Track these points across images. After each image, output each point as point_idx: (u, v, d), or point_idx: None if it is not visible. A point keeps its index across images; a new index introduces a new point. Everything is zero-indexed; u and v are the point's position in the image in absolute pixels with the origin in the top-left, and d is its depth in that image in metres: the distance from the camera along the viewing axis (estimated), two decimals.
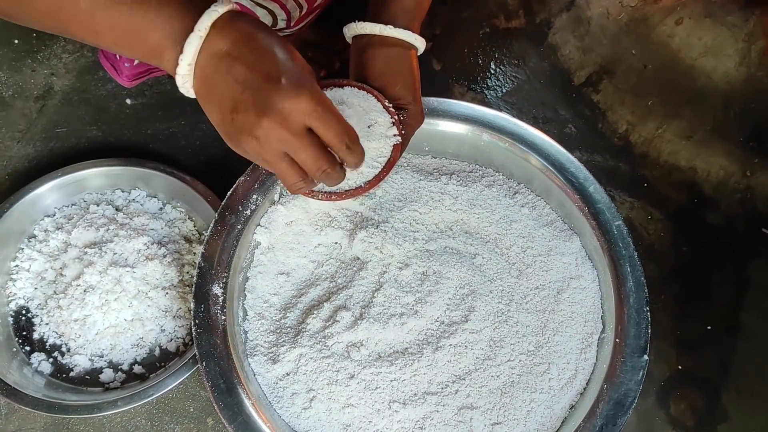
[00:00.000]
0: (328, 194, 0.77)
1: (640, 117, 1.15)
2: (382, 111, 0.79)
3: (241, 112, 0.62)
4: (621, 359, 0.81)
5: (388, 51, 0.81)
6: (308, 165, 0.66)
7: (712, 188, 1.10)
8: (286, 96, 0.61)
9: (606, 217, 0.89)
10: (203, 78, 0.64)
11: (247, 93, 0.62)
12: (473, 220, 0.92)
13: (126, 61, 1.04)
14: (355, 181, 0.77)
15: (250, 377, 0.82)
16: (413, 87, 0.81)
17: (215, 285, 0.83)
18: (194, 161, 1.08)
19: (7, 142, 1.09)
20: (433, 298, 0.86)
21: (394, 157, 0.78)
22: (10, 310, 0.95)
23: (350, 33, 0.83)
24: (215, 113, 0.65)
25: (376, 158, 0.78)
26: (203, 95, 0.65)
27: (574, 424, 0.80)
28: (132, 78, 1.07)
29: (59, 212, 1.00)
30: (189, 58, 0.63)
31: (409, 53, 0.81)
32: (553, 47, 1.20)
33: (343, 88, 0.79)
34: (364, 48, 0.81)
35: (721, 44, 1.20)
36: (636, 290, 0.85)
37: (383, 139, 0.78)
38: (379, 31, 0.80)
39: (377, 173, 0.77)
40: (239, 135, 0.63)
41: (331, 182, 0.70)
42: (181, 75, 0.64)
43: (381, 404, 0.81)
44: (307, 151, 0.64)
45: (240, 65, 0.62)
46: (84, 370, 0.92)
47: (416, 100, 0.81)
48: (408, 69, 0.81)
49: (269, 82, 0.61)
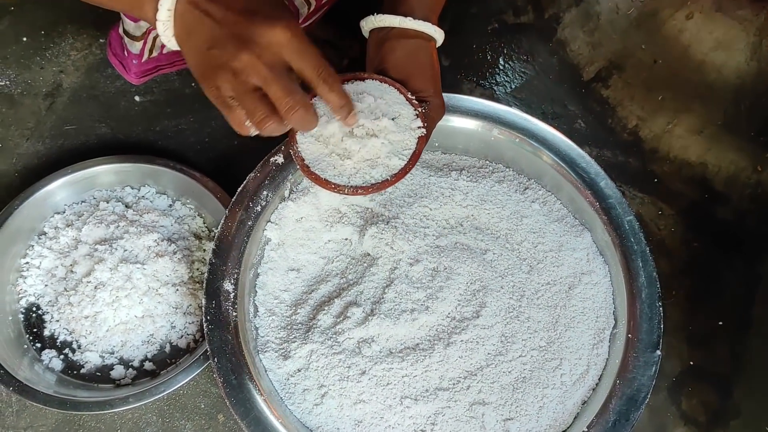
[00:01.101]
0: (354, 188, 0.76)
1: (650, 112, 1.14)
2: (405, 103, 0.78)
3: (218, 47, 0.63)
4: (633, 355, 0.81)
5: (408, 43, 0.80)
6: (278, 99, 0.65)
7: (722, 183, 1.10)
8: (262, 28, 0.63)
9: (617, 212, 0.88)
10: (182, 22, 0.65)
11: (224, 29, 0.63)
12: (484, 216, 0.91)
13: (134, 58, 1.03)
14: (381, 174, 0.77)
15: (262, 373, 0.82)
16: (434, 79, 0.81)
17: (226, 281, 0.83)
18: (203, 158, 1.08)
19: (16, 140, 1.09)
20: (444, 293, 0.85)
21: (419, 149, 0.77)
22: (20, 307, 0.95)
23: (368, 26, 0.82)
24: (192, 54, 0.66)
25: (401, 151, 0.77)
26: (182, 38, 0.66)
27: (586, 419, 0.80)
28: (140, 75, 1.07)
29: (69, 209, 1.01)
30: (168, 4, 0.64)
31: (429, 45, 0.81)
32: (562, 42, 1.20)
33: (365, 81, 0.78)
34: (383, 41, 0.81)
35: (731, 38, 1.19)
36: (648, 285, 0.84)
37: (408, 131, 0.77)
38: (399, 23, 0.79)
39: (403, 165, 0.77)
40: (215, 70, 0.64)
41: (301, 124, 0.69)
42: (161, 21, 0.65)
43: (392, 400, 0.80)
44: (278, 84, 0.64)
45: (216, 4, 0.63)
46: (95, 367, 0.92)
47: (437, 93, 0.81)
48: (428, 61, 0.81)
49: (246, 15, 0.63)
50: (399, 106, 0.78)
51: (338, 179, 0.76)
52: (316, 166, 0.76)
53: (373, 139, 0.76)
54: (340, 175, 0.76)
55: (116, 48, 1.08)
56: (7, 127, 1.10)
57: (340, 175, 0.76)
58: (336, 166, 0.76)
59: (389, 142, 0.76)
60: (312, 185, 0.91)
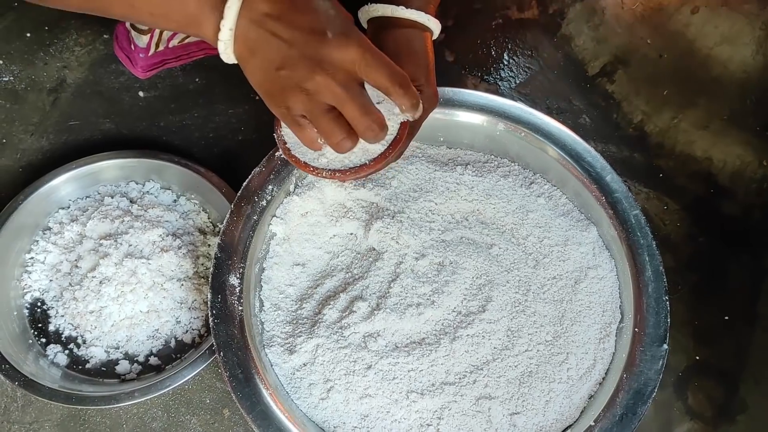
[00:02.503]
0: (332, 172, 0.75)
1: (656, 107, 1.14)
2: None
3: (287, 67, 0.62)
4: (640, 349, 0.81)
5: (402, 32, 0.80)
6: (356, 119, 0.65)
7: (728, 178, 1.10)
8: (335, 47, 0.62)
9: (624, 206, 0.88)
10: (245, 41, 0.64)
11: (293, 49, 0.62)
12: (489, 211, 0.91)
13: (141, 52, 1.03)
14: (360, 158, 0.76)
15: (268, 368, 0.81)
16: (427, 68, 0.80)
17: (232, 275, 0.83)
18: (208, 153, 1.08)
19: (20, 135, 1.09)
20: (449, 288, 0.85)
21: (401, 134, 0.76)
22: (25, 302, 0.95)
23: (364, 16, 0.82)
24: (258, 73, 0.65)
25: None
26: (245, 58, 0.65)
27: (593, 413, 0.79)
28: (147, 69, 1.07)
29: (74, 204, 1.00)
30: (230, 23, 0.63)
31: (423, 35, 0.81)
32: (567, 37, 1.20)
33: None
34: (379, 30, 0.81)
35: (737, 33, 1.19)
36: (655, 279, 0.84)
37: (390, 116, 0.76)
38: (391, 12, 0.80)
39: (383, 151, 0.76)
40: (285, 91, 0.63)
41: (377, 139, 0.69)
42: (223, 41, 0.64)
43: (399, 394, 0.80)
44: (356, 104, 0.64)
45: (282, 24, 0.62)
46: (100, 362, 0.92)
47: (430, 82, 0.80)
48: (422, 50, 0.80)
49: (314, 35, 0.62)
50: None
51: (317, 163, 0.76)
52: (297, 149, 0.77)
53: None
54: (319, 158, 0.76)
55: (123, 42, 1.08)
56: (11, 122, 1.10)
57: (319, 158, 0.76)
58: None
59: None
60: (317, 180, 0.91)
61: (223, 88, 1.12)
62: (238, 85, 1.11)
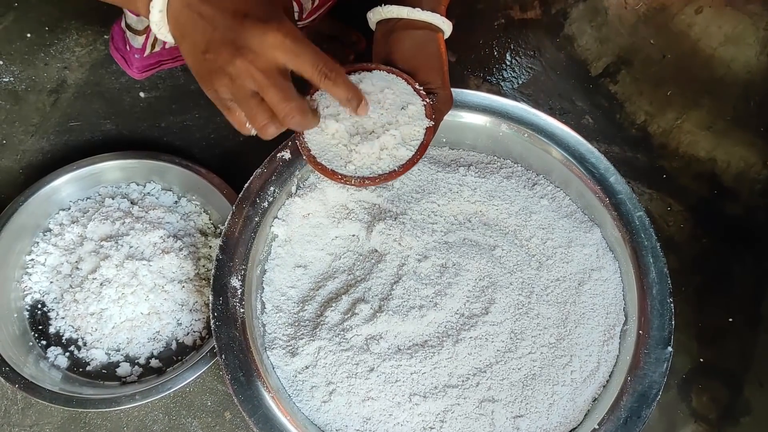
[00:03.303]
0: (362, 179, 0.75)
1: (659, 107, 1.14)
2: (413, 94, 0.77)
3: (212, 51, 0.62)
4: (644, 351, 0.80)
5: (416, 34, 0.79)
6: (275, 105, 0.65)
7: (732, 179, 1.09)
8: (254, 31, 0.61)
9: (627, 207, 0.88)
10: (176, 23, 0.64)
11: (216, 32, 0.62)
12: (492, 212, 0.91)
13: (136, 53, 1.03)
14: (389, 164, 0.76)
15: (269, 370, 0.81)
16: (441, 71, 0.80)
17: (233, 277, 0.83)
18: (209, 154, 1.07)
19: (21, 136, 1.08)
20: (452, 290, 0.85)
21: (427, 139, 0.77)
22: (25, 304, 0.94)
23: (375, 17, 0.81)
24: (189, 56, 0.65)
25: (409, 141, 0.76)
26: (178, 39, 0.65)
27: (597, 416, 0.79)
28: (142, 70, 1.07)
29: (74, 206, 1.00)
30: (159, 5, 0.63)
31: (437, 36, 0.80)
32: (570, 38, 1.19)
33: (372, 72, 0.78)
34: (390, 32, 0.80)
35: (741, 33, 1.18)
36: (659, 281, 0.84)
37: (416, 121, 0.77)
38: (407, 14, 0.79)
39: (411, 156, 0.76)
40: (211, 74, 0.63)
41: (300, 127, 0.69)
42: (154, 23, 0.65)
43: (401, 397, 0.80)
44: (277, 90, 0.63)
45: (208, 5, 0.62)
46: (101, 364, 0.91)
47: (445, 85, 0.80)
48: (436, 53, 0.80)
49: (236, 18, 0.62)
50: (407, 97, 0.77)
51: (345, 170, 0.75)
52: (322, 157, 0.76)
53: (380, 130, 0.75)
54: (347, 165, 0.76)
55: (118, 42, 1.07)
56: (11, 123, 1.09)
57: (346, 165, 0.76)
58: (342, 156, 0.76)
59: (397, 133, 0.75)
60: (319, 181, 0.90)
61: None
62: None
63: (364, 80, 0.77)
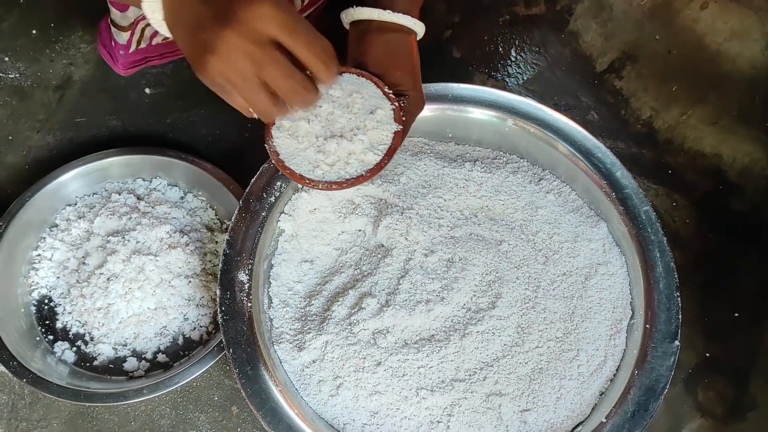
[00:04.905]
0: (329, 184, 0.76)
1: (664, 103, 1.13)
2: (382, 98, 0.77)
3: (204, 28, 0.59)
4: (651, 345, 0.80)
5: (387, 37, 0.79)
6: (279, 82, 0.61)
7: (737, 175, 1.09)
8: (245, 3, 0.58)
9: (634, 202, 0.88)
10: (169, 7, 0.61)
11: (209, 8, 0.59)
12: (498, 207, 0.91)
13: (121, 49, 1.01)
14: (356, 169, 0.76)
15: (277, 364, 0.81)
16: (413, 72, 0.80)
17: (241, 272, 0.83)
18: (214, 150, 1.07)
19: (27, 132, 1.09)
20: (459, 284, 0.85)
21: (395, 144, 0.77)
22: (32, 299, 0.95)
23: (348, 19, 0.81)
24: (182, 39, 0.62)
25: (377, 145, 0.77)
26: (171, 23, 0.63)
27: (605, 410, 0.79)
28: (127, 66, 1.05)
29: (81, 201, 1.00)
30: None
31: (409, 38, 0.80)
32: (575, 34, 1.19)
33: (341, 75, 0.77)
34: (363, 34, 0.80)
35: (747, 28, 1.18)
36: (666, 275, 0.84)
37: (384, 126, 0.77)
38: (377, 16, 0.78)
39: (379, 161, 0.76)
40: (203, 55, 0.59)
41: (305, 104, 0.66)
42: (147, 2, 0.62)
43: (408, 391, 0.80)
44: (276, 66, 0.60)
45: None
46: (107, 359, 0.92)
47: (416, 87, 0.80)
48: (407, 54, 0.80)
49: None
50: (376, 101, 0.77)
51: (312, 174, 0.76)
52: (291, 161, 0.76)
53: (349, 134, 0.75)
54: (315, 169, 0.76)
55: (105, 39, 1.06)
56: (17, 119, 1.09)
57: (314, 170, 0.76)
58: (311, 161, 0.76)
59: (365, 138, 0.76)
60: None
61: None
62: None
63: (332, 85, 0.77)
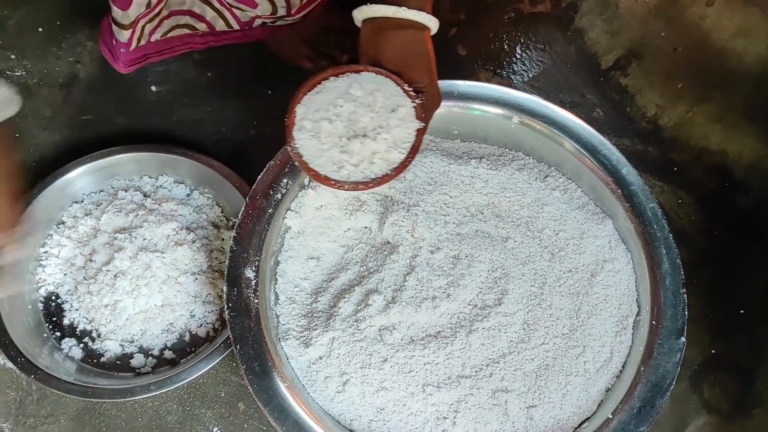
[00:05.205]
0: (355, 184, 0.75)
1: (670, 100, 1.13)
2: (403, 95, 0.77)
3: None
4: (658, 341, 0.80)
5: (403, 34, 0.79)
6: None
7: (743, 172, 1.09)
8: None
9: (640, 199, 0.88)
10: None
11: None
12: (504, 204, 0.91)
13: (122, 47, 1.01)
14: (381, 168, 0.76)
15: (284, 361, 0.81)
16: (429, 69, 0.80)
17: (248, 268, 0.83)
18: (221, 147, 1.07)
19: (33, 130, 1.09)
20: (465, 281, 0.85)
21: (418, 141, 0.77)
22: (39, 296, 0.95)
23: (361, 16, 0.81)
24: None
25: (401, 144, 0.77)
26: None
27: (611, 406, 0.79)
28: (128, 64, 1.05)
29: (87, 198, 1.00)
30: None
31: (423, 35, 0.80)
32: (580, 31, 1.19)
33: (360, 74, 0.78)
34: (377, 32, 0.79)
35: (753, 25, 1.18)
36: (672, 272, 0.84)
37: (407, 124, 0.77)
38: (393, 13, 0.78)
39: (403, 159, 0.76)
40: None
41: None
42: None
43: (415, 387, 0.80)
44: None
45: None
46: (115, 356, 0.92)
47: (433, 83, 0.80)
48: (423, 51, 0.80)
49: None
50: (397, 99, 0.77)
51: (337, 175, 0.76)
52: (314, 162, 0.76)
53: (372, 133, 0.75)
54: (340, 170, 0.76)
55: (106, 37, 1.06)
56: (24, 117, 1.10)
57: (339, 170, 0.76)
58: (335, 161, 0.76)
59: (389, 137, 0.76)
60: None
61: (235, 82, 1.12)
62: (251, 79, 1.12)
63: (353, 84, 0.77)
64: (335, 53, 1.09)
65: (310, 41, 1.08)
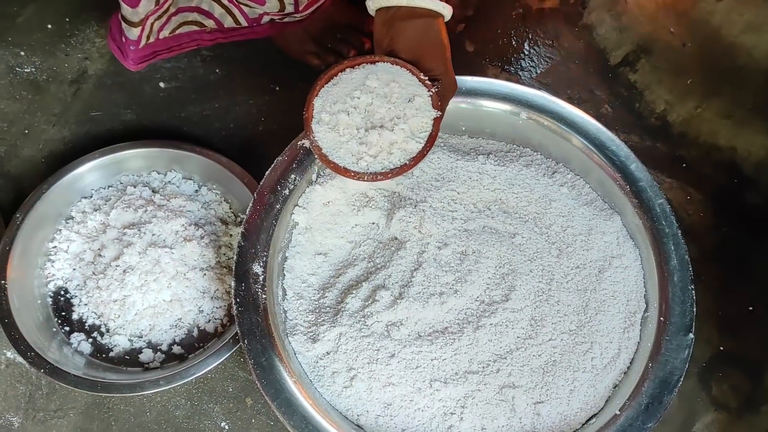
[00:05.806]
0: (374, 175, 0.76)
1: (679, 96, 1.13)
2: (419, 85, 0.78)
3: None
4: (666, 338, 0.80)
5: (418, 23, 0.79)
6: None
7: (752, 168, 1.08)
8: None
9: (648, 195, 0.87)
10: None
11: None
12: (512, 200, 0.91)
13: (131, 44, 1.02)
14: (399, 158, 0.77)
15: (291, 356, 0.82)
16: (444, 57, 0.80)
17: (255, 264, 0.83)
18: (229, 143, 1.08)
19: (42, 126, 1.09)
20: (472, 277, 0.85)
21: (435, 130, 0.77)
22: (48, 291, 0.96)
23: (375, 6, 0.81)
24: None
25: (418, 133, 0.77)
26: None
27: (618, 402, 0.79)
28: (138, 61, 1.05)
29: (96, 194, 1.01)
30: None
31: (437, 22, 0.80)
32: (589, 27, 1.18)
33: (376, 65, 0.78)
34: (391, 21, 0.80)
35: (762, 21, 1.17)
36: (680, 268, 0.83)
37: (424, 113, 0.77)
38: (407, 2, 0.78)
39: (421, 148, 0.76)
40: None
41: None
42: None
43: (422, 383, 0.80)
44: None
45: None
46: (123, 351, 0.93)
47: (448, 71, 0.80)
48: (438, 39, 0.80)
49: None
50: (413, 88, 0.77)
51: (357, 167, 0.76)
52: (334, 155, 0.77)
53: (390, 124, 0.75)
54: (359, 162, 0.76)
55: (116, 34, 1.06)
56: (33, 113, 1.10)
57: (358, 162, 0.76)
58: (354, 153, 0.76)
59: (406, 127, 0.76)
60: None
61: (243, 78, 1.12)
62: (259, 76, 1.12)
63: (369, 76, 0.77)
64: (343, 49, 1.09)
65: (317, 38, 1.08)
